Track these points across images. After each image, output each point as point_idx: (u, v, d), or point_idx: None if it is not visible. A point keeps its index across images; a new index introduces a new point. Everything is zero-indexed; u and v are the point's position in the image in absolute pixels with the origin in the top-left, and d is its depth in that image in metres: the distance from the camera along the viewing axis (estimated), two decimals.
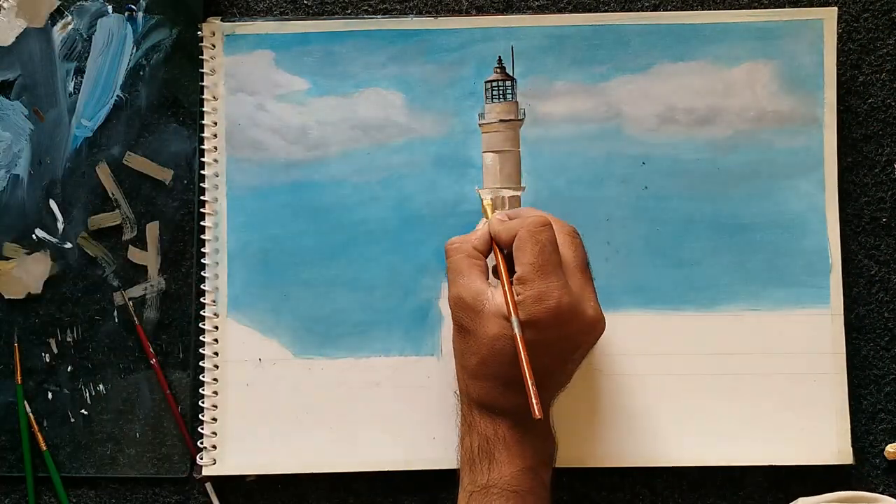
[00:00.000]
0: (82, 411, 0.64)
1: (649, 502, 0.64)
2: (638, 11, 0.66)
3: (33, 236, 0.65)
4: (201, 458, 0.63)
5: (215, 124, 0.65)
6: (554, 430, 0.58)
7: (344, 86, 0.65)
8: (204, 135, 0.65)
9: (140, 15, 0.66)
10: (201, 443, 0.63)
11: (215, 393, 0.64)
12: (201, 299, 0.64)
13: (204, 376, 0.64)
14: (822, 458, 0.63)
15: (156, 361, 0.64)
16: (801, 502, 0.60)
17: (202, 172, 0.65)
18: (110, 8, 0.66)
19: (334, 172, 0.65)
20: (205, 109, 0.65)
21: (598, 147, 0.64)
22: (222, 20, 0.65)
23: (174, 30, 0.66)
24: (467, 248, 0.56)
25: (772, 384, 0.63)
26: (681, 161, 0.64)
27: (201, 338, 0.64)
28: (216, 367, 0.64)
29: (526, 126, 0.65)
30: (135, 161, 0.66)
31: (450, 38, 0.65)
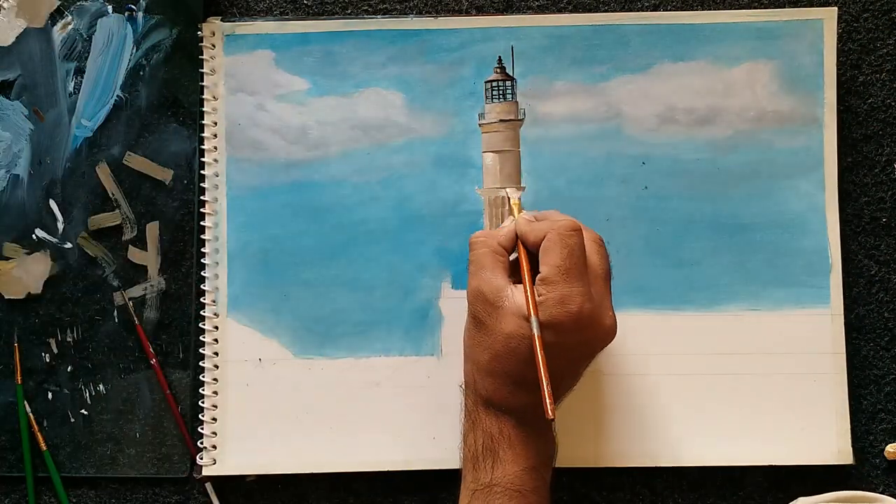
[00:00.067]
0: (82, 411, 0.64)
1: (649, 502, 0.64)
2: (638, 11, 0.66)
3: (33, 236, 0.65)
4: (201, 458, 0.63)
5: (215, 124, 0.65)
6: (555, 431, 0.58)
7: (344, 86, 0.65)
8: (204, 135, 0.65)
9: (140, 15, 0.66)
10: (201, 443, 0.63)
11: (215, 393, 0.64)
12: (201, 299, 0.64)
13: (204, 376, 0.64)
14: (822, 458, 0.63)
15: (156, 361, 0.64)
16: (800, 502, 0.60)
17: (202, 172, 0.65)
18: (110, 8, 0.66)
19: (334, 172, 0.65)
20: (205, 109, 0.65)
21: (598, 147, 0.64)
22: (222, 20, 0.65)
23: (174, 30, 0.66)
24: (492, 244, 0.56)
25: (772, 384, 0.63)
26: (681, 161, 0.64)
27: (201, 338, 0.64)
28: (216, 367, 0.64)
29: (526, 126, 0.65)
30: (135, 161, 0.66)
31: (450, 38, 0.65)
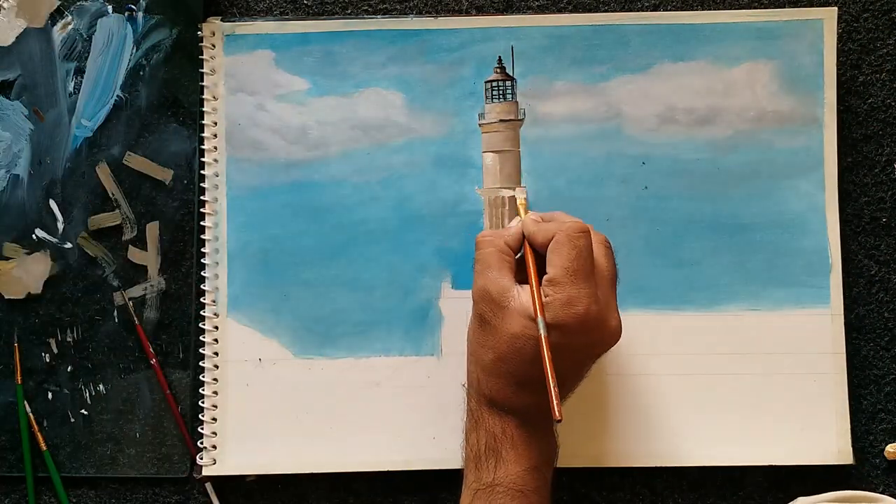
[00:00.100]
0: (82, 411, 0.64)
1: (649, 502, 0.64)
2: (638, 11, 0.66)
3: (33, 236, 0.65)
4: (201, 458, 0.63)
5: (215, 124, 0.65)
6: (556, 431, 0.58)
7: (344, 86, 0.65)
8: (204, 135, 0.65)
9: (140, 15, 0.66)
10: (201, 443, 0.63)
11: (215, 393, 0.64)
12: (201, 299, 0.64)
13: (204, 376, 0.64)
14: (822, 458, 0.63)
15: (156, 361, 0.64)
16: (800, 502, 0.60)
17: (202, 172, 0.65)
18: (110, 8, 0.66)
19: (334, 172, 0.65)
20: (205, 109, 0.65)
21: (598, 147, 0.64)
22: (222, 20, 0.65)
23: (174, 30, 0.66)
24: (499, 244, 0.56)
25: (772, 384, 0.63)
26: (681, 161, 0.64)
27: (201, 338, 0.64)
28: (216, 367, 0.64)
29: (526, 126, 0.65)
30: (135, 161, 0.66)
31: (450, 38, 0.65)
